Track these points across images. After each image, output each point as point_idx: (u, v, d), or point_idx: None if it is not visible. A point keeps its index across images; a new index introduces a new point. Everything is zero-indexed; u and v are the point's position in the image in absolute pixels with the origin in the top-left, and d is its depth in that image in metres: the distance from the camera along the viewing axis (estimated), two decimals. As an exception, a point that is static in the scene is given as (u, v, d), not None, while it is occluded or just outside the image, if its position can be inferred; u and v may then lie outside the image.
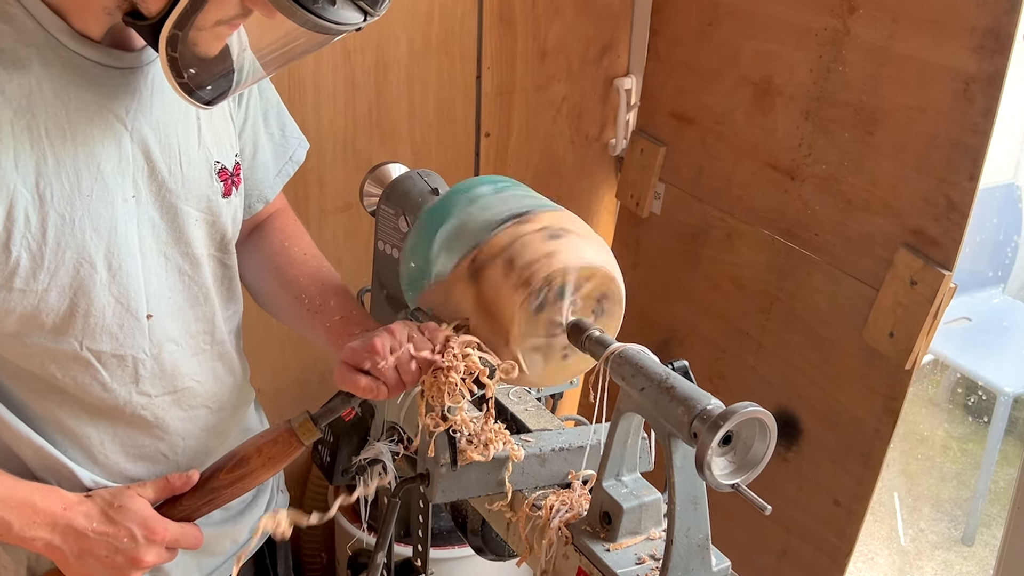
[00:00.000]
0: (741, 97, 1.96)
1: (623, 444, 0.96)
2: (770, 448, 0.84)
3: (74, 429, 1.05)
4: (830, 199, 1.78)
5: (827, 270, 1.80)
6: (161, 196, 1.04)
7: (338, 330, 1.14)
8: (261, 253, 1.25)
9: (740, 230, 2.00)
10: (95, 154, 0.96)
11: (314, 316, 1.17)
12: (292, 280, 1.21)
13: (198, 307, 1.12)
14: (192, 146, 1.06)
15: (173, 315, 1.08)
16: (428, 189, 1.30)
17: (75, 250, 0.96)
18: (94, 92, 0.95)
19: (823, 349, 1.82)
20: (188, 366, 1.12)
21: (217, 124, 1.10)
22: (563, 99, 2.27)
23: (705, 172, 2.08)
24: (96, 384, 1.04)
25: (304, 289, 1.19)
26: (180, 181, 1.05)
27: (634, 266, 2.29)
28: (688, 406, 0.84)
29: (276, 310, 1.25)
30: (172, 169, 1.04)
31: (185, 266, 1.08)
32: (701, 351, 2.10)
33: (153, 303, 1.05)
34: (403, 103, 2.06)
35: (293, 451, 1.07)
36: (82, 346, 1.01)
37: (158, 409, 1.10)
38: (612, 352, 0.94)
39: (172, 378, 1.10)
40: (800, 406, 1.87)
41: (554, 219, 1.02)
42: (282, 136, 1.25)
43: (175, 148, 1.04)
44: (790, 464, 1.89)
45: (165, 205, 1.04)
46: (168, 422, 1.11)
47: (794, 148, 1.85)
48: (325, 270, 1.23)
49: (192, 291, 1.10)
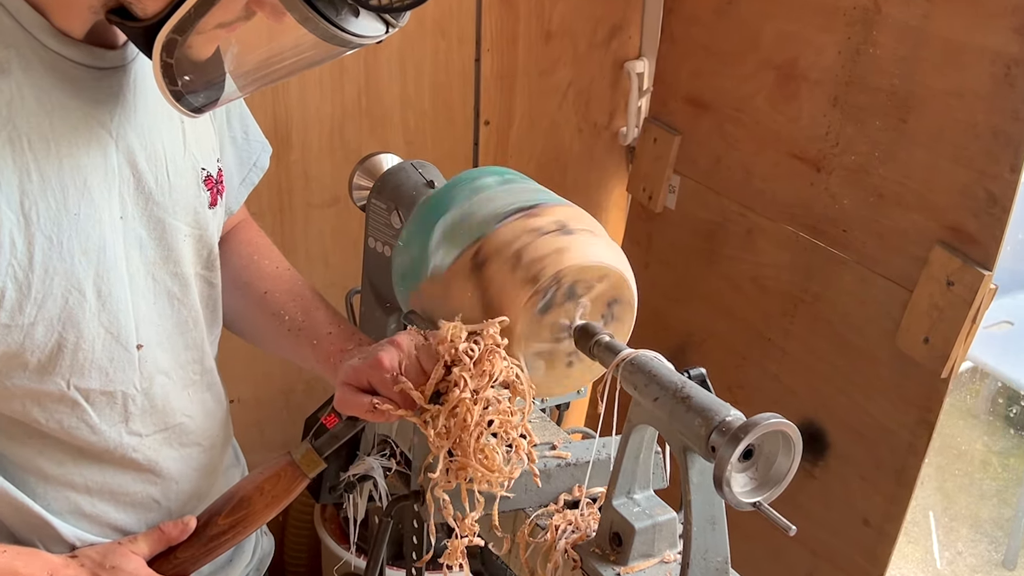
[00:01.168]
0: (763, 82, 1.96)
1: (635, 459, 0.96)
2: (794, 463, 0.84)
3: (58, 478, 1.01)
4: (860, 192, 1.78)
5: (856, 270, 1.80)
6: (148, 210, 1.01)
7: (328, 348, 1.11)
8: (227, 269, 1.21)
9: (762, 226, 1.99)
10: (81, 167, 0.93)
11: (297, 334, 1.14)
12: (267, 296, 1.18)
13: (188, 334, 1.09)
14: (178, 152, 1.04)
15: (163, 344, 1.05)
16: (423, 182, 1.29)
17: (64, 276, 0.92)
18: (78, 98, 0.92)
19: (852, 356, 1.81)
20: (179, 400, 1.09)
21: (200, 127, 1.09)
22: (569, 84, 2.27)
23: (723, 163, 2.08)
24: (84, 426, 1.00)
25: (282, 305, 1.16)
26: (168, 192, 1.02)
27: (646, 265, 2.28)
28: (706, 417, 0.84)
29: (249, 331, 1.22)
30: (159, 179, 1.01)
31: (175, 288, 1.06)
32: (720, 358, 2.10)
33: (143, 331, 1.02)
34: (395, 88, 2.06)
35: (297, 486, 1.05)
36: (69, 385, 0.97)
37: (149, 450, 1.06)
38: (623, 359, 0.93)
39: (163, 414, 1.07)
40: (827, 418, 1.87)
41: (565, 214, 1.02)
42: (245, 140, 1.22)
43: (161, 155, 1.01)
44: (816, 481, 1.89)
45: (153, 220, 1.02)
46: (161, 464, 1.08)
47: (820, 137, 1.85)
48: (302, 284, 1.21)
49: (182, 316, 1.07)
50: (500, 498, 0.98)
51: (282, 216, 2.02)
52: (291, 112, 1.96)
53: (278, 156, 1.97)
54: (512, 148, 2.25)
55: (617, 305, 1.01)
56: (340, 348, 1.09)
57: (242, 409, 2.11)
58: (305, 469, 1.05)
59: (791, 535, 0.82)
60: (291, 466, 1.05)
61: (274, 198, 2.00)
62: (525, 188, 1.08)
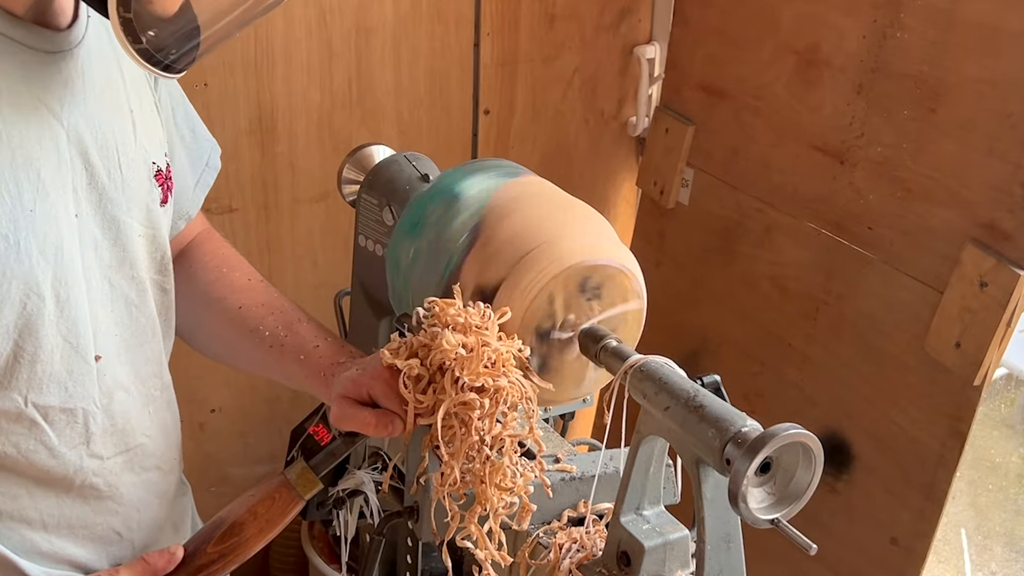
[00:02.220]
0: (782, 68, 1.96)
1: (644, 472, 0.96)
2: (815, 477, 0.84)
3: (12, 514, 0.98)
4: (886, 187, 1.78)
5: (883, 269, 1.80)
6: (102, 207, 0.99)
7: (318, 362, 1.09)
8: (194, 286, 1.19)
9: (781, 223, 1.99)
10: (33, 160, 0.91)
11: (281, 350, 1.12)
12: (242, 311, 1.16)
13: (147, 345, 1.07)
14: (129, 144, 1.02)
15: (121, 356, 1.04)
16: (417, 175, 1.30)
17: (22, 280, 0.90)
18: (27, 82, 0.91)
19: (878, 361, 1.81)
20: (140, 418, 1.07)
21: (148, 117, 1.07)
22: (575, 71, 2.27)
23: (740, 155, 2.08)
24: (42, 449, 0.97)
25: (261, 320, 1.14)
26: (120, 187, 1.00)
27: (657, 264, 2.28)
28: (720, 428, 0.84)
29: (225, 351, 1.20)
30: (111, 172, 0.99)
31: (131, 294, 1.04)
32: (735, 364, 2.10)
33: (101, 341, 1.00)
34: (388, 75, 2.06)
35: (292, 509, 1.04)
36: (27, 401, 0.95)
37: (111, 474, 1.05)
38: (631, 365, 0.93)
39: (124, 434, 1.05)
40: (851, 428, 1.87)
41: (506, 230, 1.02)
42: (194, 138, 1.20)
43: (112, 146, 0.99)
44: (839, 496, 1.89)
45: (107, 218, 1.00)
46: (122, 490, 1.06)
47: (844, 127, 1.85)
48: (278, 296, 1.18)
49: (140, 324, 1.06)
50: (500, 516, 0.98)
51: (267, 212, 2.02)
52: (276, 100, 1.96)
53: (262, 148, 1.97)
54: (513, 139, 2.25)
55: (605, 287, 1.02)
56: (332, 361, 1.08)
57: (224, 419, 2.11)
58: (301, 490, 1.04)
59: (812, 554, 0.82)
60: (285, 487, 1.04)
61: (258, 193, 2.00)
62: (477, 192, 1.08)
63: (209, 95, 1.89)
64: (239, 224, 2.00)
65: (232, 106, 1.92)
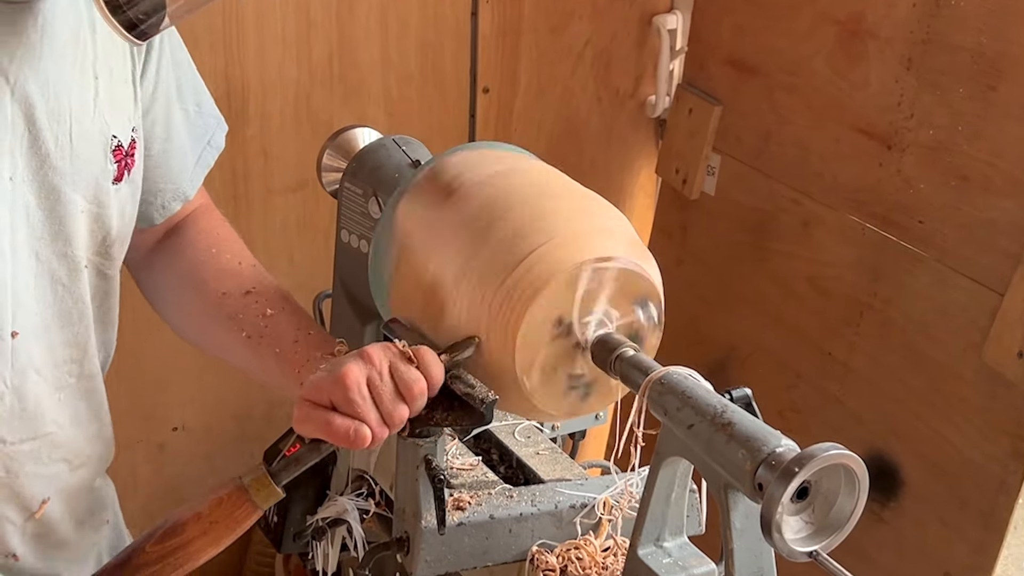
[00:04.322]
0: (822, 40, 1.96)
1: (665, 499, 0.96)
2: (859, 504, 0.84)
3: None
4: (939, 175, 1.78)
5: (935, 269, 1.80)
6: (42, 175, 1.02)
7: (293, 358, 1.11)
8: (180, 264, 1.23)
9: (820, 216, 1.99)
10: None
11: (258, 343, 1.14)
12: (225, 298, 1.19)
13: (70, 327, 1.10)
14: (87, 112, 1.04)
15: (39, 336, 1.06)
16: (407, 162, 1.30)
17: None
18: None
19: (930, 373, 1.81)
20: (49, 404, 1.10)
21: (117, 86, 1.08)
22: (586, 43, 2.28)
23: (774, 139, 2.08)
24: None
25: (242, 308, 1.17)
26: (68, 157, 1.03)
27: (679, 263, 2.28)
28: (751, 448, 0.84)
29: (206, 339, 1.23)
30: (60, 140, 1.02)
31: (60, 272, 1.07)
32: (768, 376, 2.10)
33: (20, 317, 1.03)
34: (374, 48, 2.06)
35: (245, 516, 1.04)
36: None
37: (12, 461, 1.07)
38: (652, 379, 0.94)
39: (33, 420, 1.08)
40: (900, 449, 1.87)
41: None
42: (199, 113, 1.23)
43: (66, 113, 1.02)
44: (887, 525, 1.89)
45: (45, 188, 1.02)
46: (21, 479, 1.09)
47: (892, 107, 1.85)
48: (267, 283, 1.21)
49: (65, 305, 1.08)
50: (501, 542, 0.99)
51: (236, 204, 2.03)
52: (247, 77, 1.96)
53: (232, 131, 1.94)
54: (516, 121, 2.26)
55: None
56: (308, 358, 1.10)
57: (187, 439, 2.12)
58: (255, 497, 1.03)
59: (855, 592, 0.82)
60: (239, 491, 1.03)
61: (227, 182, 2.00)
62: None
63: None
64: (205, 217, 2.00)
65: (197, 83, 1.92)
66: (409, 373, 0.98)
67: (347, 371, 0.96)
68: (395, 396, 0.97)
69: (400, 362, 0.98)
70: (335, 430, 0.97)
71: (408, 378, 0.97)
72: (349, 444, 0.97)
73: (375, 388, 0.97)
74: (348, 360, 0.98)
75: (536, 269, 0.98)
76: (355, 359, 0.98)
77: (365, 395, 0.96)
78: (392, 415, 0.97)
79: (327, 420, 0.97)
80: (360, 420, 0.96)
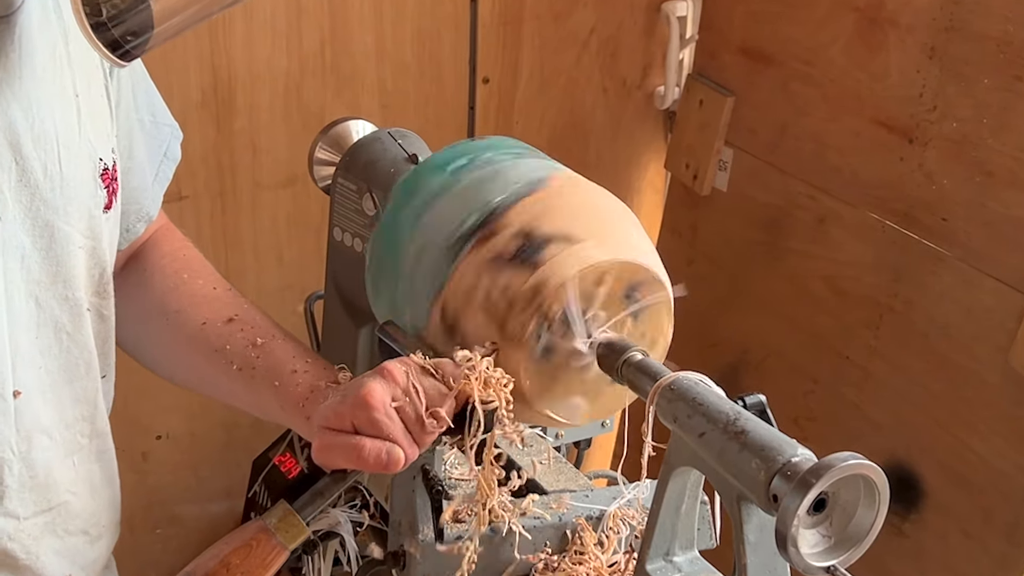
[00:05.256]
0: (840, 28, 1.96)
1: (675, 511, 0.96)
2: (879, 517, 0.84)
3: None
4: (963, 170, 1.78)
5: (960, 269, 1.80)
6: (34, 210, 0.96)
7: (295, 391, 1.06)
8: (147, 293, 1.17)
9: (838, 213, 1.99)
10: None
11: (251, 375, 1.09)
12: (206, 328, 1.13)
13: (78, 381, 1.05)
14: (72, 134, 0.98)
15: (45, 393, 1.01)
16: (403, 156, 1.30)
17: None
18: None
19: (953, 378, 1.81)
20: (63, 470, 1.04)
21: (95, 102, 1.03)
22: (591, 31, 2.28)
23: (789, 132, 2.08)
24: None
25: (227, 338, 1.11)
26: (58, 188, 0.97)
27: (690, 262, 2.28)
28: (765, 458, 0.84)
29: (186, 374, 1.18)
30: (49, 169, 0.96)
31: (63, 318, 1.01)
32: (783, 381, 2.10)
33: (22, 374, 0.97)
34: (369, 37, 2.07)
35: (274, 560, 1.01)
36: None
37: (29, 539, 1.02)
38: (661, 385, 0.94)
39: (46, 489, 1.03)
40: (921, 458, 1.87)
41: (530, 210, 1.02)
42: (154, 123, 1.17)
43: (52, 137, 0.96)
44: (908, 539, 1.89)
45: (39, 224, 0.96)
46: (43, 559, 1.04)
47: (913, 99, 1.85)
48: (249, 309, 1.16)
49: (71, 356, 1.03)
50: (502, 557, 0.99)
51: (223, 200, 2.03)
52: (235, 67, 1.96)
53: (217, 123, 1.97)
54: (518, 113, 2.26)
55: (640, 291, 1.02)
56: (310, 388, 1.05)
57: (171, 448, 2.12)
58: (283, 538, 1.00)
59: (875, 609, 0.82)
60: (265, 534, 1.00)
61: (212, 177, 2.00)
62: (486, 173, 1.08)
63: (152, 60, 1.88)
64: (189, 215, 2.00)
65: (181, 74, 1.92)
66: (435, 387, 0.95)
67: (369, 391, 0.93)
68: (424, 413, 0.95)
69: (423, 376, 0.96)
70: (366, 455, 0.93)
71: (435, 393, 0.95)
72: (382, 468, 0.94)
73: (401, 406, 0.94)
74: (367, 380, 0.95)
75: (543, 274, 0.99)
76: (374, 378, 0.95)
77: (392, 415, 0.93)
78: (423, 433, 0.94)
79: (356, 445, 0.93)
80: (391, 441, 0.93)
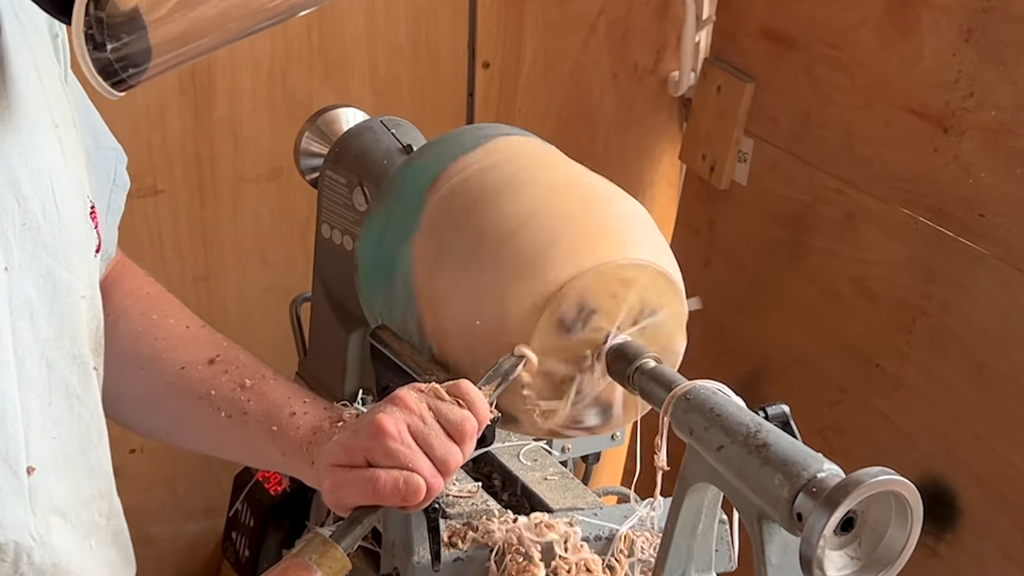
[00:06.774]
0: (869, 8, 1.96)
1: (691, 531, 0.97)
2: (912, 537, 0.84)
3: None
4: (1003, 162, 1.78)
5: (998, 269, 1.80)
6: (37, 257, 0.92)
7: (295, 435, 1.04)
8: (116, 342, 1.10)
9: (867, 208, 1.99)
10: None
11: (244, 421, 1.06)
12: (185, 372, 1.10)
13: (91, 452, 1.01)
14: (60, 169, 0.94)
15: (59, 468, 0.97)
16: (397, 147, 1.30)
17: None
18: None
19: (991, 388, 1.81)
20: (82, 555, 1.01)
21: (70, 132, 0.99)
22: (600, 12, 2.28)
23: (814, 121, 2.08)
24: None
25: (210, 382, 1.08)
26: (57, 231, 0.93)
27: (707, 262, 2.28)
28: (789, 473, 0.84)
29: (165, 426, 1.16)
30: (47, 210, 0.92)
31: (72, 380, 0.97)
32: (808, 390, 2.10)
33: (35, 447, 0.93)
34: (359, 18, 2.07)
35: None
36: None
37: None
38: (676, 394, 0.94)
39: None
40: (958, 474, 1.87)
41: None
42: (98, 149, 1.12)
43: (45, 174, 0.92)
44: (943, 561, 1.89)
45: (42, 273, 0.92)
46: None
47: (948, 85, 1.85)
48: (229, 347, 1.13)
49: (83, 424, 0.99)
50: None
51: (202, 195, 2.03)
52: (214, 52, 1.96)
53: (196, 112, 1.97)
54: (521, 100, 2.26)
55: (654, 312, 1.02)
56: (312, 430, 1.03)
57: (147, 463, 2.11)
58: (326, 574, 0.93)
59: (907, 636, 0.82)
60: (304, 571, 0.93)
61: (190, 169, 2.01)
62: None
63: (128, 44, 1.89)
64: (166, 210, 2.00)
65: (157, 58, 1.92)
66: (455, 412, 0.94)
67: (382, 421, 0.93)
68: (446, 439, 0.94)
69: (440, 402, 0.95)
70: (381, 487, 0.92)
71: (455, 418, 0.94)
72: (402, 500, 0.92)
73: (420, 435, 0.93)
74: (377, 411, 0.95)
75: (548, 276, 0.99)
76: (386, 408, 0.94)
77: (411, 443, 0.92)
78: (447, 461, 0.93)
79: (369, 477, 0.92)
80: (409, 470, 0.92)
